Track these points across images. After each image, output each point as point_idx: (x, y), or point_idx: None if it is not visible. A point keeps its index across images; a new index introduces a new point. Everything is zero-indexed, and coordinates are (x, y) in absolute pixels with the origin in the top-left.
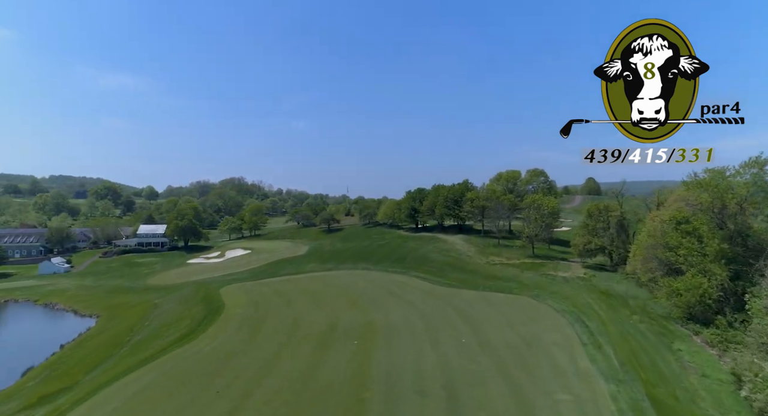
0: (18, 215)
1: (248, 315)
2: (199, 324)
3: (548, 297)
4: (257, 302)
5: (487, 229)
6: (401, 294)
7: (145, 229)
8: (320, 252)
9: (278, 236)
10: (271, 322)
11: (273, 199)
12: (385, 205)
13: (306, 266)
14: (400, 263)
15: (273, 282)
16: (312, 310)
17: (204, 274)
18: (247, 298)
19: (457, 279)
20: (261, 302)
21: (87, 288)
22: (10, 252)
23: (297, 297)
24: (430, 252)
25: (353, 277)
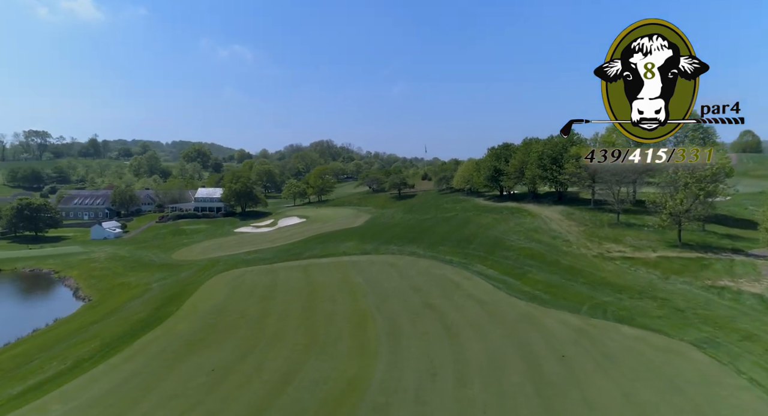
0: (110, 177)
1: (188, 339)
2: (119, 341)
3: (738, 348)
4: (222, 310)
5: (599, 199)
6: (444, 310)
7: (203, 193)
8: (374, 225)
9: (344, 202)
10: (205, 358)
11: (358, 163)
12: (462, 166)
13: (341, 246)
14: (463, 247)
15: (284, 269)
16: (282, 338)
17: (230, 249)
18: (218, 302)
19: (546, 283)
20: (227, 310)
21: (118, 259)
22: (79, 215)
23: (282, 308)
24: (509, 233)
25: (387, 269)
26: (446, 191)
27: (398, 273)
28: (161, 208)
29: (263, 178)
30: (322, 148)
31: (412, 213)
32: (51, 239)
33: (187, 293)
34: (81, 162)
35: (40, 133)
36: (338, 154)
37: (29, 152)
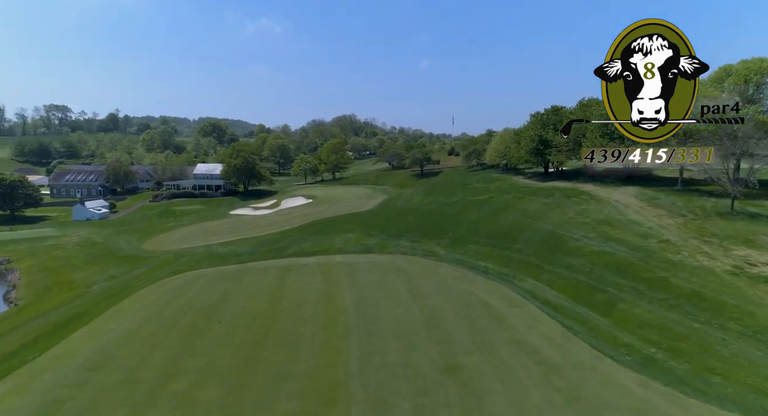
0: (119, 152)
1: None
2: None
3: None
4: (109, 359)
5: (692, 178)
6: (480, 386)
7: (202, 169)
8: (387, 210)
9: (360, 181)
10: None
11: (381, 138)
12: (496, 137)
13: (339, 238)
14: (503, 247)
15: (252, 273)
16: None
17: (212, 237)
18: (118, 337)
19: (661, 329)
20: (115, 362)
21: (87, 246)
22: (71, 192)
23: (205, 359)
24: (569, 226)
25: (391, 280)
26: (476, 168)
27: (407, 289)
28: (160, 186)
29: (276, 154)
30: (344, 123)
31: (434, 195)
32: (31, 219)
33: (94, 313)
34: (92, 137)
35: (60, 107)
36: (361, 129)
37: (48, 127)
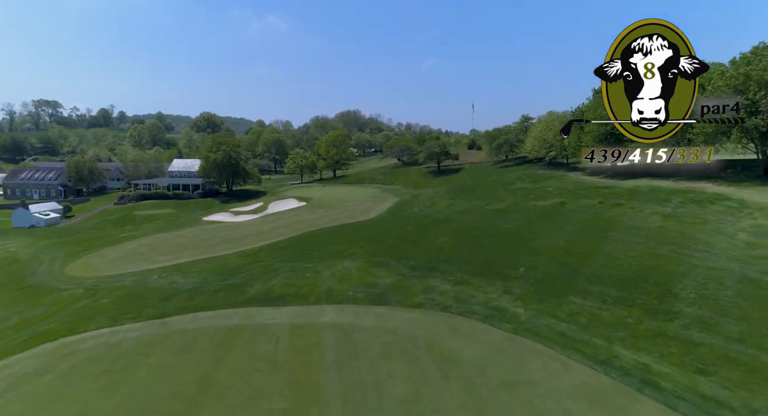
0: (99, 147)
1: None
2: None
3: None
4: None
5: None
6: None
7: (179, 165)
8: (401, 218)
9: (364, 179)
10: None
11: (387, 134)
12: (541, 124)
13: (329, 271)
14: (654, 308)
15: (156, 356)
16: None
17: (161, 258)
18: None
19: None
20: None
21: (4, 265)
22: (28, 193)
23: None
24: (765, 261)
25: (416, 399)
26: (508, 163)
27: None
28: (135, 185)
29: (272, 150)
30: (348, 119)
31: (466, 198)
32: None
33: None
34: (73, 132)
35: (51, 103)
36: (366, 125)
37: (37, 124)
